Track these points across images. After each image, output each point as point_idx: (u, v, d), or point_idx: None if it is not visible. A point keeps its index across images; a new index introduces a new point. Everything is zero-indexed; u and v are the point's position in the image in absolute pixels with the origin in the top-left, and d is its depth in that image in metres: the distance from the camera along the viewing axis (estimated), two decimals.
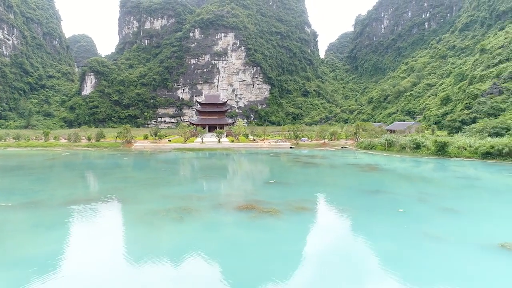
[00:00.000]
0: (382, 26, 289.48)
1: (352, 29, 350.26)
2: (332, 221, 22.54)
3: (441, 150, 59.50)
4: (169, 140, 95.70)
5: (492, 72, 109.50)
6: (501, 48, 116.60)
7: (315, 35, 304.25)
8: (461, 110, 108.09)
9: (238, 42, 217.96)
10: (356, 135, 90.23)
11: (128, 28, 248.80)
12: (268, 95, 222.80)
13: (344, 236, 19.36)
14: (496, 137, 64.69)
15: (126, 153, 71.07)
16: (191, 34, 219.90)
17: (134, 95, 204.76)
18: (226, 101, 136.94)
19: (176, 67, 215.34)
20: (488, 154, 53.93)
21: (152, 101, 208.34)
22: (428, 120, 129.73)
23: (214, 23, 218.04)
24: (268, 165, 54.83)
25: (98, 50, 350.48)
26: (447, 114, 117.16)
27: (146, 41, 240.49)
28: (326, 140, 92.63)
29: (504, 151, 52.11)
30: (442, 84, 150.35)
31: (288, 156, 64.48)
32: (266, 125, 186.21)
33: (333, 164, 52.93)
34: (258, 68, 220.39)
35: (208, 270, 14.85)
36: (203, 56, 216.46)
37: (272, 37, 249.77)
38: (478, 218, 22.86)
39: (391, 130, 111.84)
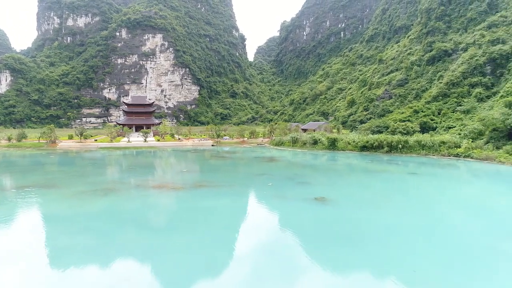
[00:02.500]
0: (304, 33, 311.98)
1: (278, 34, 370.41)
2: (219, 192, 31.81)
3: (332, 145, 72.96)
4: (95, 140, 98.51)
5: (385, 79, 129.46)
6: (393, 59, 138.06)
7: (243, 38, 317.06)
8: (361, 111, 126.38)
9: (166, 43, 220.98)
10: (271, 134, 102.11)
11: (48, 24, 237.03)
12: (197, 96, 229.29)
13: (224, 201, 28.70)
14: (378, 133, 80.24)
15: (51, 153, 73.85)
16: (118, 34, 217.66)
17: (56, 94, 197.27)
18: (153, 102, 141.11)
19: (102, 67, 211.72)
20: (364, 147, 68.19)
21: (76, 101, 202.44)
22: (338, 120, 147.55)
23: (141, 24, 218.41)
24: (187, 159, 63.00)
25: (11, 44, 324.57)
26: (352, 115, 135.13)
27: (68, 38, 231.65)
28: (245, 139, 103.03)
29: (374, 144, 66.67)
30: (350, 88, 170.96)
31: (207, 153, 73.18)
32: (195, 125, 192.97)
33: (242, 157, 62.88)
34: (187, 69, 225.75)
35: (123, 224, 23.11)
36: (131, 56, 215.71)
37: (201, 40, 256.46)
38: (317, 186, 33.94)
39: (305, 129, 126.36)
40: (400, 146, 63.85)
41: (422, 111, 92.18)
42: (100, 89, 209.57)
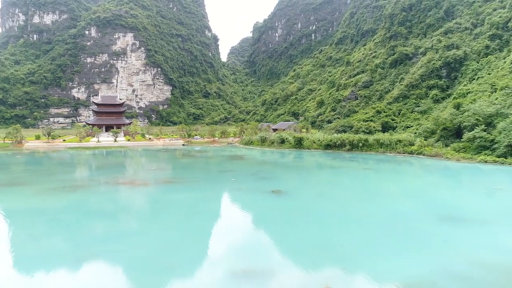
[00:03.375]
0: (277, 34, 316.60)
1: (251, 34, 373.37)
2: (185, 187, 33.82)
3: (298, 143, 76.21)
4: (64, 140, 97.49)
5: (352, 81, 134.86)
6: (359, 62, 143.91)
7: (216, 39, 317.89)
8: (329, 112, 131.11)
9: (137, 42, 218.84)
10: (241, 134, 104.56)
11: (13, 21, 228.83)
12: (170, 96, 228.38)
13: (188, 194, 30.79)
14: (343, 133, 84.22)
15: (18, 153, 72.97)
16: (87, 32, 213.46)
17: (22, 93, 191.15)
18: (124, 102, 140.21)
19: (71, 65, 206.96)
20: (328, 146, 71.82)
21: (43, 100, 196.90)
22: (307, 120, 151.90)
23: (111, 22, 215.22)
24: (156, 158, 64.30)
25: None
26: (321, 115, 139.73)
27: (34, 36, 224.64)
28: (216, 138, 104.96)
29: (337, 143, 70.43)
30: (320, 89, 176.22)
31: (177, 152, 74.61)
32: (168, 125, 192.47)
33: (211, 156, 64.94)
34: (159, 69, 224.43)
35: (90, 216, 24.84)
36: (101, 55, 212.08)
37: (173, 39, 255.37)
38: (277, 181, 36.65)
39: (275, 129, 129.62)
40: (360, 144, 67.86)
41: (384, 112, 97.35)
42: (69, 89, 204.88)
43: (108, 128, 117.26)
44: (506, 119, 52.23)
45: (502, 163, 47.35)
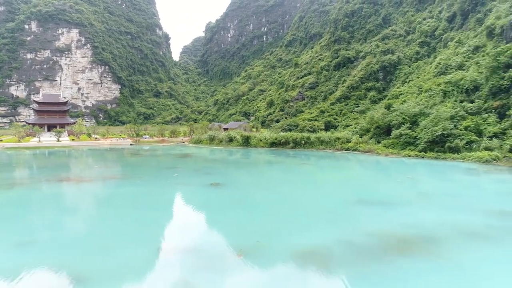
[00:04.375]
0: (229, 35, 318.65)
1: (204, 34, 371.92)
2: (127, 182, 34.88)
3: (246, 142, 78.92)
4: (0, 140, 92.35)
5: (299, 82, 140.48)
6: (306, 64, 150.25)
7: (167, 37, 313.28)
8: (278, 112, 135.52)
9: (83, 39, 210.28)
10: (191, 133, 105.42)
11: None
12: (119, 95, 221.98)
13: (130, 188, 31.96)
14: (289, 131, 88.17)
15: None
16: (27, 26, 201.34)
17: None
18: (67, 101, 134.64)
19: (8, 62, 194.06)
20: (274, 144, 75.22)
21: None
22: (258, 120, 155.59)
23: (54, 17, 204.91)
24: (102, 157, 63.76)
25: None
26: (270, 115, 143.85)
27: None
28: (166, 138, 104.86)
29: (282, 141, 74.05)
30: (270, 90, 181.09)
31: (125, 151, 74.14)
32: (117, 125, 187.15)
33: (159, 154, 65.60)
34: (107, 67, 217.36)
35: (27, 211, 25.41)
36: (42, 51, 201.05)
37: (122, 37, 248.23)
38: (218, 175, 38.82)
39: (226, 128, 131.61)
40: (303, 142, 72.00)
41: (327, 112, 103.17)
42: (6, 86, 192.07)
43: (51, 127, 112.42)
44: (427, 118, 58.49)
45: (422, 157, 53.19)
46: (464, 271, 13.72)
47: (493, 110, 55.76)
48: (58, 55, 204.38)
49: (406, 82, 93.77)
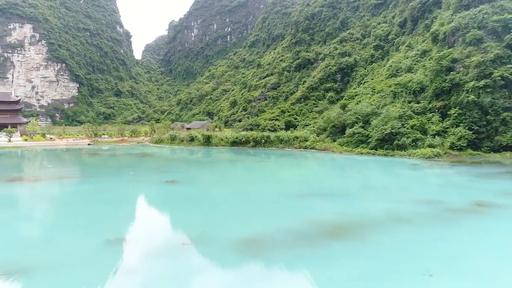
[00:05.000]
0: (193, 34, 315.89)
1: (167, 33, 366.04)
2: (81, 181, 34.62)
3: (207, 141, 79.44)
4: None
5: (262, 82, 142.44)
6: (269, 65, 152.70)
7: (128, 35, 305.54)
8: (241, 111, 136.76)
9: (37, 35, 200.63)
10: (152, 133, 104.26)
11: None
12: (76, 94, 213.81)
13: (84, 187, 31.81)
14: (250, 131, 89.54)
15: None
16: None
17: None
18: (20, 99, 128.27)
19: None
20: (235, 143, 76.35)
21: None
22: (221, 120, 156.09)
23: (5, 11, 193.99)
24: (56, 158, 61.90)
25: None
26: (233, 114, 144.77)
27: None
28: (126, 137, 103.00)
29: (242, 140, 75.33)
30: (233, 90, 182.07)
31: (82, 151, 72.17)
32: (75, 125, 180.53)
33: (117, 154, 64.69)
34: (63, 65, 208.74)
35: None
36: None
37: (80, 34, 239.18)
38: (174, 173, 39.37)
39: (189, 128, 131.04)
40: (263, 141, 73.69)
41: (288, 111, 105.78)
42: None
43: (1, 127, 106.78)
44: (378, 118, 61.99)
45: (373, 154, 56.40)
46: (384, 249, 15.50)
47: (437, 110, 60.15)
48: (10, 51, 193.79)
49: (361, 83, 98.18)
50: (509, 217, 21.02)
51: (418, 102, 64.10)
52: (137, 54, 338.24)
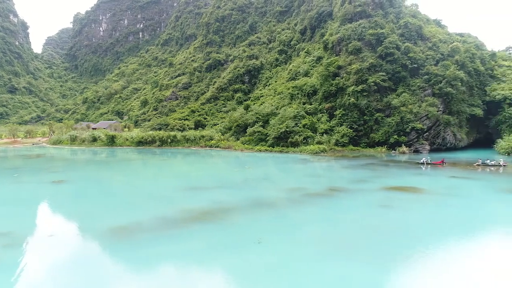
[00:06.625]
0: (101, 28, 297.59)
1: (71, 26, 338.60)
2: None
3: (111, 141, 77.21)
4: None
5: (173, 82, 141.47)
6: (181, 64, 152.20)
7: (25, 26, 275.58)
8: (151, 111, 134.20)
9: None
10: (50, 133, 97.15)
11: None
12: None
13: None
14: (159, 130, 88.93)
15: None
16: None
17: None
18: None
19: None
20: (140, 143, 75.54)
21: None
22: (131, 119, 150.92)
23: None
24: None
25: None
26: (144, 114, 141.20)
27: None
28: (20, 138, 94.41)
29: (148, 140, 74.95)
30: (145, 89, 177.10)
31: None
32: None
33: (6, 156, 59.73)
34: None
35: None
36: None
37: None
38: (64, 173, 38.63)
39: (95, 128, 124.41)
40: (169, 140, 74.32)
41: (197, 111, 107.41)
42: None
43: None
44: (276, 118, 67.28)
45: (271, 151, 61.20)
46: (234, 227, 18.55)
47: (325, 111, 67.54)
48: None
49: (267, 85, 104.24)
50: (349, 197, 25.94)
51: (311, 104, 71.13)
52: (37, 48, 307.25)
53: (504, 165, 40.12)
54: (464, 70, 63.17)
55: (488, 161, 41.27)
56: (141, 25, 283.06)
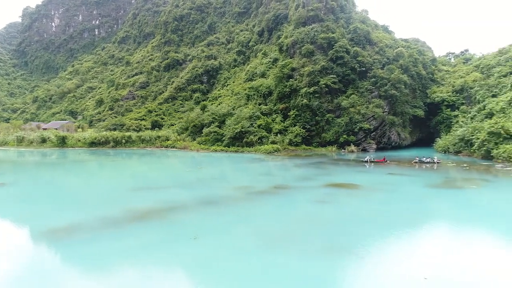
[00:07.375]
0: (53, 24, 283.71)
1: (20, 20, 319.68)
2: None
3: (62, 142, 74.60)
4: None
5: (130, 81, 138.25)
6: (138, 63, 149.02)
7: None
8: (107, 111, 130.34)
9: None
10: None
11: None
12: None
13: None
14: (114, 131, 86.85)
15: None
16: None
17: None
18: None
19: None
20: (93, 144, 73.66)
21: None
22: (86, 119, 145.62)
23: None
24: None
25: None
26: (99, 114, 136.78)
27: None
28: None
29: (102, 140, 73.24)
30: (100, 88, 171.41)
31: None
32: None
33: None
34: None
35: None
36: None
37: None
38: (3, 175, 37.26)
39: (46, 128, 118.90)
40: (124, 141, 73.22)
41: (155, 111, 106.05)
42: None
43: None
44: (232, 118, 68.28)
45: (226, 151, 62.15)
46: (174, 224, 19.23)
47: (280, 112, 69.48)
48: None
49: (225, 85, 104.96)
50: (291, 193, 27.39)
51: (266, 104, 72.82)
52: None
53: (437, 162, 43.73)
54: (407, 73, 67.65)
55: (424, 158, 44.81)
56: (97, 22, 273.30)
